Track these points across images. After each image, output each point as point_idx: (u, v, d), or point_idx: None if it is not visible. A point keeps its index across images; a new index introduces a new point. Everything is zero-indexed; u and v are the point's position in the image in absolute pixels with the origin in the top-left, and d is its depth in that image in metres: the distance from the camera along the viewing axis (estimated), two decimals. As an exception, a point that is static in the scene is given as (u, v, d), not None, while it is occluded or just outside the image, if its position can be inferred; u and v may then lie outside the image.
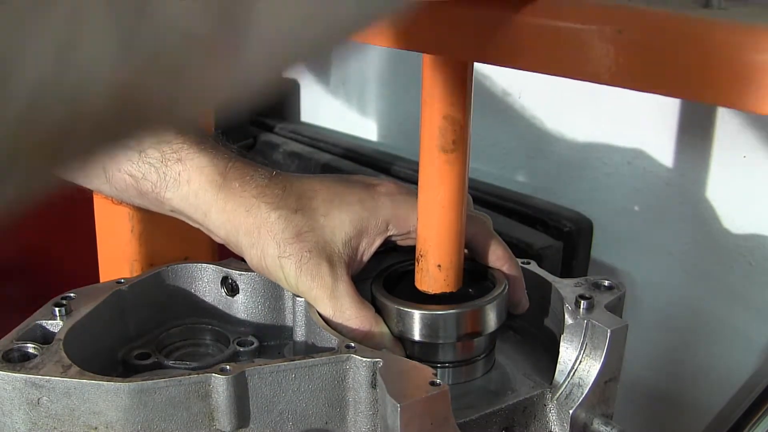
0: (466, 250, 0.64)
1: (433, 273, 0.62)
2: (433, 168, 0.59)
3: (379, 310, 0.63)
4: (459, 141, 0.58)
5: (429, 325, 0.61)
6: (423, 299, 0.63)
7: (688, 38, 0.42)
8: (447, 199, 0.60)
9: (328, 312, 0.62)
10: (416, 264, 0.63)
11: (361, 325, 0.61)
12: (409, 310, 0.62)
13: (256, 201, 0.63)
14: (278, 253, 0.62)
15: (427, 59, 0.56)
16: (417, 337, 0.62)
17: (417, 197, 0.63)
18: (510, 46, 0.49)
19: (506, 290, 0.64)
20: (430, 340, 0.62)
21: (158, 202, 0.66)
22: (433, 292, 0.63)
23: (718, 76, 0.41)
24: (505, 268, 0.66)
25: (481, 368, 0.65)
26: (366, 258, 0.65)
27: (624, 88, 0.45)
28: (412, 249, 0.64)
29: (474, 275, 0.66)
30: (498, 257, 0.66)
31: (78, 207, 0.91)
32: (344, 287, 0.62)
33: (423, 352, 0.62)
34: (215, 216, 0.64)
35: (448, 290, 0.63)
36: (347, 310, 0.61)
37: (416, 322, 0.62)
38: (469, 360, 0.64)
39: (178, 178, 0.64)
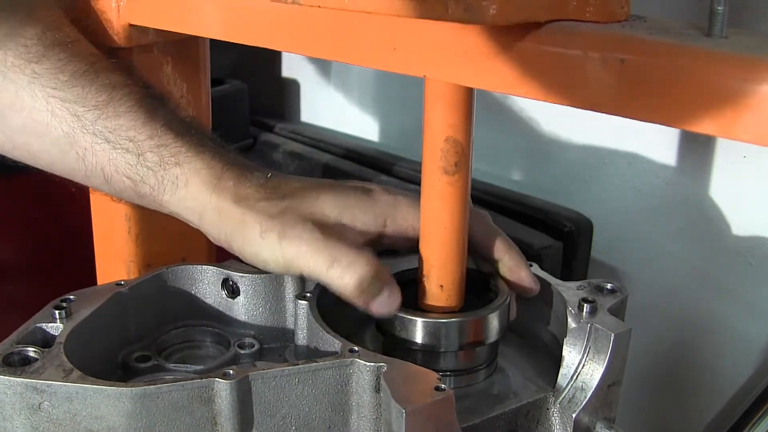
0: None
1: (436, 293, 0.62)
2: (435, 190, 0.59)
3: (382, 318, 0.63)
4: (461, 163, 0.58)
5: (431, 332, 0.61)
6: (426, 308, 0.63)
7: (690, 69, 0.42)
8: (449, 221, 0.60)
9: (323, 266, 0.59)
10: (419, 283, 0.63)
11: (367, 266, 0.59)
12: (411, 317, 0.61)
13: (246, 195, 0.63)
14: (260, 231, 0.61)
15: (428, 82, 0.56)
16: (419, 345, 0.62)
17: (415, 200, 0.63)
18: (512, 74, 0.49)
19: (509, 300, 0.64)
20: (433, 348, 0.62)
21: (157, 204, 0.66)
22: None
23: (721, 108, 0.41)
24: (506, 258, 0.65)
25: (482, 377, 0.65)
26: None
27: (626, 117, 0.45)
28: (415, 256, 0.64)
29: (476, 284, 0.66)
30: (499, 248, 0.66)
31: (76, 207, 0.91)
32: (336, 238, 0.59)
33: (425, 360, 0.62)
34: (209, 215, 0.64)
35: (450, 309, 0.63)
36: (344, 256, 0.59)
37: (419, 329, 0.61)
38: (472, 369, 0.64)
39: (175, 181, 0.64)
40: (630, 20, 0.49)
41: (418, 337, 0.61)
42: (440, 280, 0.62)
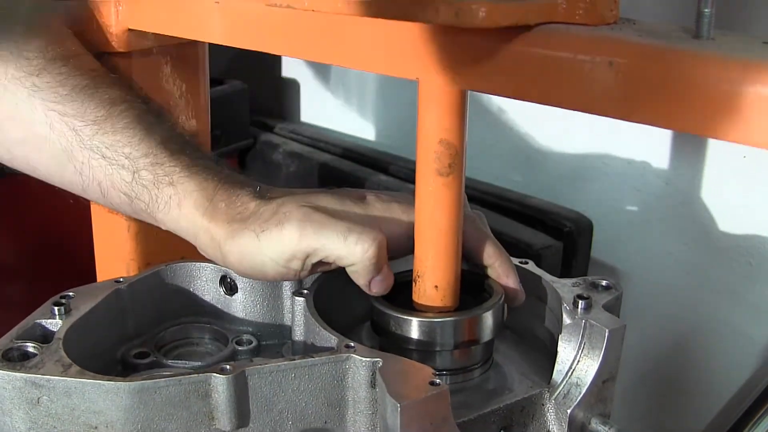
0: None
1: (431, 294, 0.62)
2: (430, 191, 0.59)
3: (378, 317, 0.63)
4: (455, 165, 0.58)
5: (427, 332, 0.61)
6: (421, 308, 0.63)
7: (678, 71, 0.42)
8: (444, 222, 0.60)
9: (338, 237, 0.59)
10: (414, 283, 0.63)
11: (381, 235, 0.60)
12: (407, 317, 0.62)
13: (237, 213, 0.63)
14: (255, 234, 0.61)
15: (422, 85, 0.57)
16: (414, 344, 0.62)
17: (408, 205, 0.63)
18: (502, 76, 0.50)
19: (503, 299, 0.64)
20: (428, 348, 0.62)
21: (152, 220, 0.67)
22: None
23: (708, 108, 0.41)
24: (496, 265, 0.66)
25: (478, 375, 0.65)
26: None
27: (616, 118, 0.45)
28: (411, 256, 0.64)
29: (471, 285, 0.66)
30: (489, 255, 0.66)
31: (75, 206, 0.92)
32: (339, 217, 0.60)
33: (421, 360, 0.62)
34: (202, 237, 0.64)
35: (445, 309, 0.63)
36: (356, 227, 0.60)
37: (414, 329, 0.62)
38: (467, 368, 0.64)
39: (168, 201, 0.65)
40: (619, 23, 0.49)
41: (414, 336, 0.62)
42: (435, 280, 0.62)
